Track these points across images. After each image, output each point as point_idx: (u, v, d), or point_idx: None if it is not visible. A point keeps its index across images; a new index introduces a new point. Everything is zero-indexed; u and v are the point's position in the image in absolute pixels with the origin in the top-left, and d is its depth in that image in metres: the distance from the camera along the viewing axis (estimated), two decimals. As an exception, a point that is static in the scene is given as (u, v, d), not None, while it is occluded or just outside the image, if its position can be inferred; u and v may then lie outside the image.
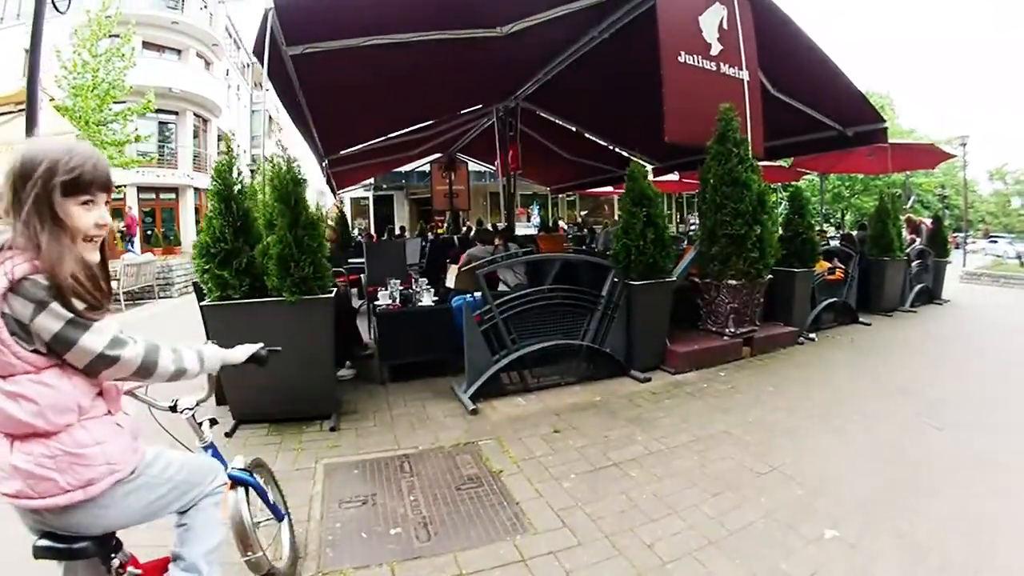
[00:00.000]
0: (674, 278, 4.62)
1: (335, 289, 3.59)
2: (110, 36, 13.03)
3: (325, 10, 3.63)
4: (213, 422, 1.73)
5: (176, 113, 19.29)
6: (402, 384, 4.35)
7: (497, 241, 5.37)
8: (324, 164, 7.69)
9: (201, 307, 3.17)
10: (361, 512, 2.49)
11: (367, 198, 19.67)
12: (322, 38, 3.87)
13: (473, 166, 12.58)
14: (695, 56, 4.53)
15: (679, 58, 4.42)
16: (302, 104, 4.91)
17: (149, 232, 17.45)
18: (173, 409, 1.58)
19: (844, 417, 3.47)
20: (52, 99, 9.99)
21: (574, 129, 8.30)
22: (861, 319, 6.38)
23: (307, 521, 2.41)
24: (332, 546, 2.24)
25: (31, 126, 3.88)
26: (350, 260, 7.37)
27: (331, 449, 3.13)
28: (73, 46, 12.31)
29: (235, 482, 1.71)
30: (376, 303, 4.62)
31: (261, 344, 1.65)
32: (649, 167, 8.81)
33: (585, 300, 4.31)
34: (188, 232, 17.86)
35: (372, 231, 15.04)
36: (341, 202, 10.33)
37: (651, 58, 4.31)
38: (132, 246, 13.50)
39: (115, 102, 12.64)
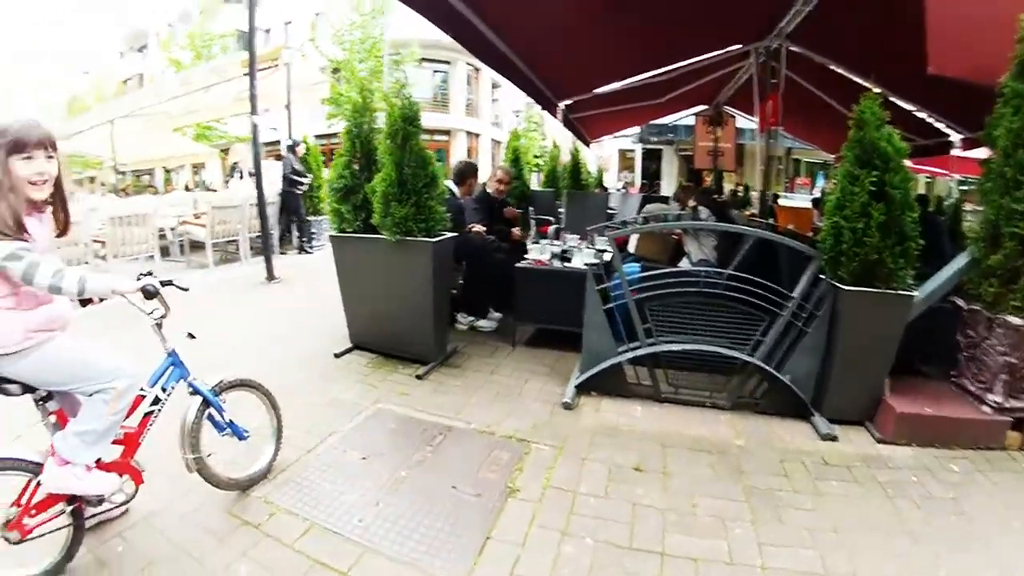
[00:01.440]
0: (917, 294, 2.68)
1: (453, 234, 3.44)
2: None
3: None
4: (191, 336, 1.98)
5: (448, 63, 21.22)
6: (534, 350, 3.97)
7: (691, 202, 4.18)
8: (562, 110, 7.43)
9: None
10: (350, 465, 2.40)
11: (633, 151, 18.64)
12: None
13: (745, 123, 10.10)
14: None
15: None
16: (504, 51, 4.65)
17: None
18: (150, 315, 1.83)
19: None
20: (304, 56, 12.34)
21: (864, 83, 5.54)
22: None
23: (308, 452, 2.47)
24: (296, 483, 2.25)
25: (252, 77, 5.02)
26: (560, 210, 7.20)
27: (399, 396, 3.10)
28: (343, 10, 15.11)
29: (194, 392, 1.98)
30: (525, 256, 4.28)
31: (154, 279, 1.76)
32: (957, 136, 5.39)
33: (765, 299, 2.94)
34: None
35: (636, 184, 14.28)
36: (569, 150, 9.83)
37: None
38: None
39: (384, 55, 15.11)
